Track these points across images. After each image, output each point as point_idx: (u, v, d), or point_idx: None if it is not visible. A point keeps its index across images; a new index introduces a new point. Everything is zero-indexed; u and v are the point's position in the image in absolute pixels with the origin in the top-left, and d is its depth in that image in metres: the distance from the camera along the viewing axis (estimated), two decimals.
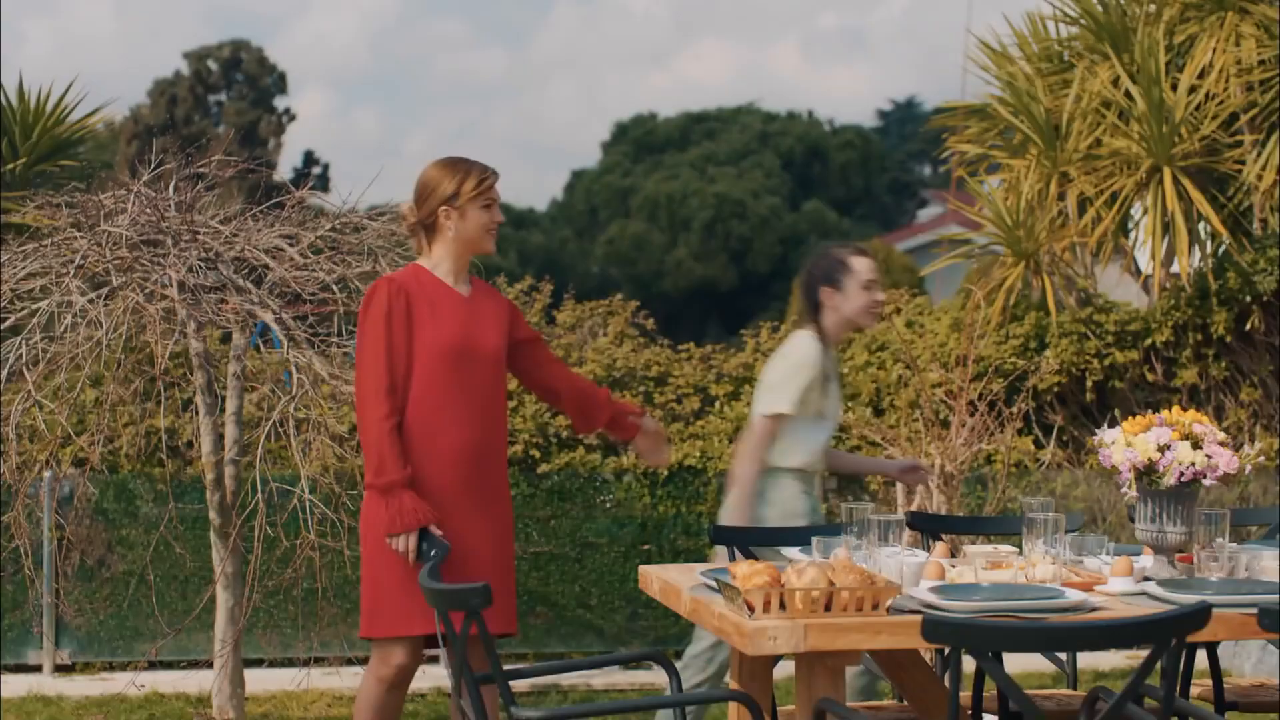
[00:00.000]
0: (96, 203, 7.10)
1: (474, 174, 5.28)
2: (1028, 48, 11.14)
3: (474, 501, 5.24)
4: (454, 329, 5.20)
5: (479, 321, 5.27)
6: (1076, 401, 10.14)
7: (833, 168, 39.55)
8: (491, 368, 5.27)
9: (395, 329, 5.13)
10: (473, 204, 5.27)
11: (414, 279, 5.25)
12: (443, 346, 5.17)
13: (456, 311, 5.24)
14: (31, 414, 6.91)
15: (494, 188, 5.34)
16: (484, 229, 5.31)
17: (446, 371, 5.17)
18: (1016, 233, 10.15)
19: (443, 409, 5.17)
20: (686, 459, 9.45)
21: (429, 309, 5.19)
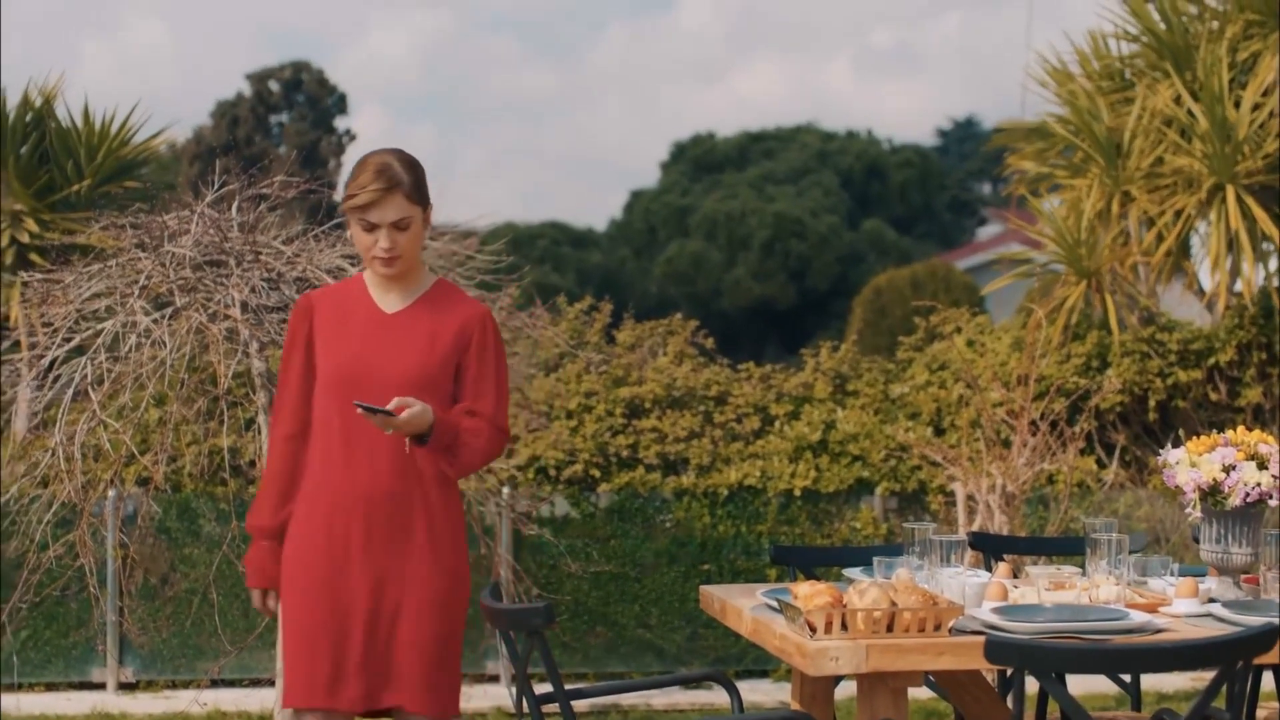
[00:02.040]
0: (160, 223, 7.15)
1: (352, 183, 4.45)
2: (1088, 66, 11.10)
3: (369, 561, 4.39)
4: (347, 352, 4.44)
5: (394, 343, 4.44)
6: (1139, 421, 10.08)
7: (892, 186, 39.45)
8: (394, 395, 4.32)
9: (294, 350, 4.51)
10: (351, 219, 4.46)
11: (337, 292, 4.58)
12: (326, 373, 4.44)
13: (363, 331, 4.46)
14: (96, 433, 6.97)
15: (373, 208, 4.38)
16: (363, 252, 4.46)
17: (328, 402, 4.43)
18: (1078, 251, 10.10)
19: (321, 446, 4.45)
20: (746, 479, 9.44)
21: (336, 327, 4.49)
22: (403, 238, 4.41)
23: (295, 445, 4.49)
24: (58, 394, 7.08)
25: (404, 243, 4.42)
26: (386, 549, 4.40)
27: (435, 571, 4.41)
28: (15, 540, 7.20)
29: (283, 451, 4.50)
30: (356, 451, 4.39)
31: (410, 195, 4.41)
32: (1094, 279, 10.13)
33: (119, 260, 7.13)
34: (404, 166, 4.43)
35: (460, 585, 4.46)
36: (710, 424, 9.86)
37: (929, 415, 10.00)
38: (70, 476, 6.89)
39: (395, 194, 4.38)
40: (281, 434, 4.51)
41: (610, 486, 9.46)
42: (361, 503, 4.40)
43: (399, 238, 4.41)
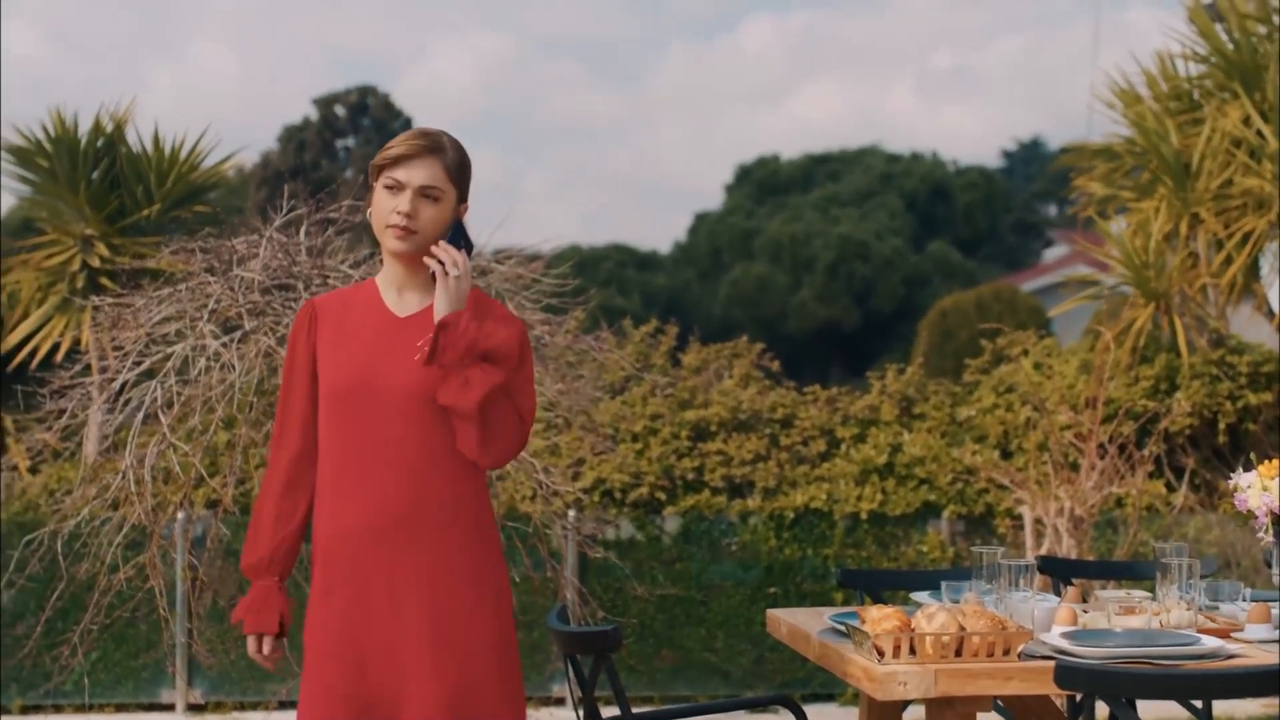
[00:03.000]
0: (229, 248, 7.21)
1: (393, 140, 3.98)
2: (1156, 87, 11.04)
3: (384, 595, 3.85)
4: (352, 361, 3.91)
5: (405, 349, 3.89)
6: (1209, 444, 10.00)
7: (957, 208, 39.34)
8: (402, 414, 3.85)
9: (295, 361, 3.99)
10: (377, 182, 3.94)
11: (345, 296, 4.04)
12: (327, 385, 3.93)
13: (371, 337, 3.93)
14: (166, 456, 7.02)
15: (404, 164, 3.90)
16: (379, 220, 3.91)
17: (333, 419, 3.91)
18: (1146, 273, 10.04)
19: (327, 473, 3.92)
20: (813, 501, 9.42)
21: (341, 334, 3.96)
22: (426, 209, 3.89)
23: (300, 467, 3.97)
24: (128, 417, 7.13)
25: (426, 216, 3.89)
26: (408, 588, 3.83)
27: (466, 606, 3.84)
28: (86, 562, 7.25)
29: (287, 474, 3.97)
30: (367, 476, 3.85)
31: (449, 169, 3.93)
32: (1162, 301, 10.07)
33: (188, 284, 7.18)
34: (452, 144, 3.97)
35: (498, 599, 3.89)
36: (776, 447, 9.85)
37: (996, 438, 9.95)
38: (140, 499, 6.94)
39: (433, 158, 3.91)
40: (286, 456, 3.98)
41: (676, 509, 9.46)
42: (374, 535, 3.85)
43: (422, 207, 3.89)
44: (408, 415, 3.86)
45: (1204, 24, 10.80)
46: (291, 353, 4.02)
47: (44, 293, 10.79)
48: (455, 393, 3.81)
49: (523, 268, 8.04)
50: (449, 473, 3.88)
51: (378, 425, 3.86)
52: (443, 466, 3.87)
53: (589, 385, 9.36)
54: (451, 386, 3.82)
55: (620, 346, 10.07)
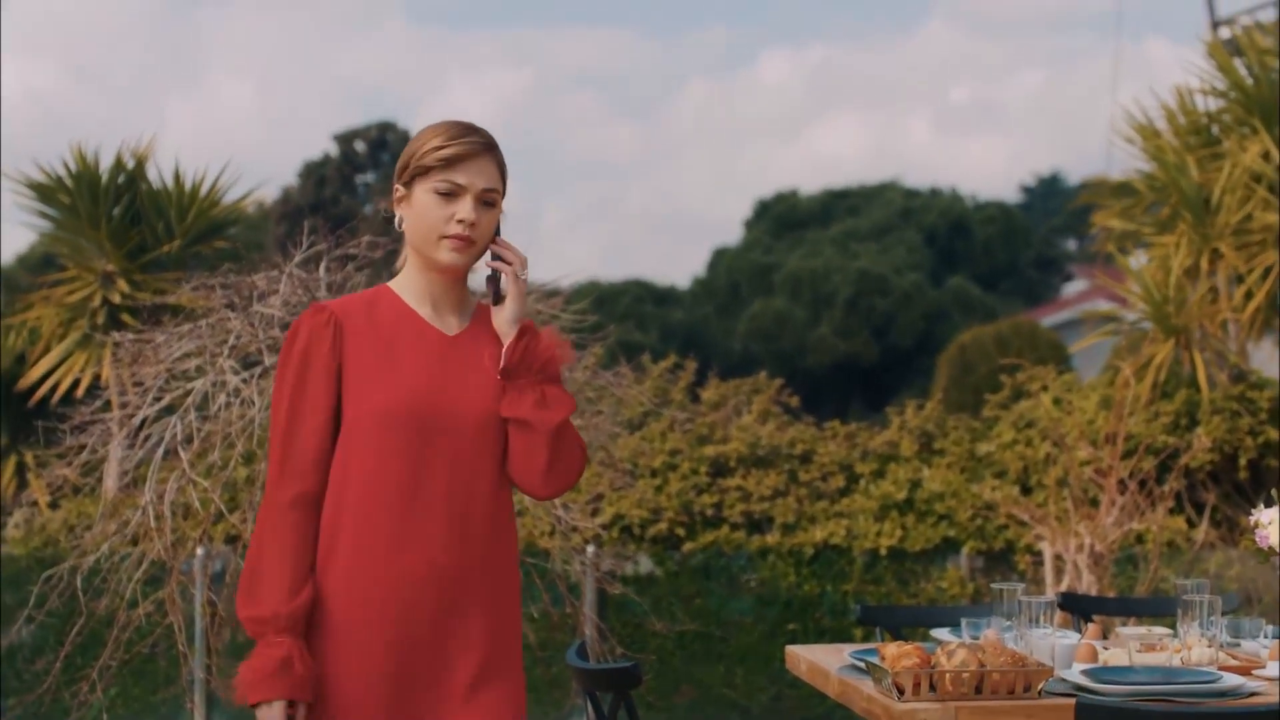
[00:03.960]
0: (249, 284, 7.24)
1: (433, 135, 3.44)
2: (1175, 122, 11.04)
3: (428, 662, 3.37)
4: (409, 385, 3.38)
5: (464, 372, 3.43)
6: (1230, 480, 9.97)
7: (976, 243, 39.33)
8: (469, 443, 3.40)
9: (310, 381, 3.37)
10: (422, 184, 3.42)
11: (365, 307, 3.46)
12: (377, 409, 3.35)
13: (422, 358, 3.42)
14: (185, 492, 7.04)
15: (463, 165, 3.40)
16: (430, 229, 3.41)
17: (377, 446, 3.35)
18: (1166, 309, 10.03)
19: (363, 514, 3.35)
20: (832, 537, 9.40)
21: (381, 351, 3.40)
22: (485, 216, 3.43)
23: (307, 514, 3.35)
24: (148, 453, 7.16)
25: (485, 224, 3.43)
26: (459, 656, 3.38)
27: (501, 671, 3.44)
28: (105, 598, 7.27)
29: (293, 521, 3.34)
30: (417, 511, 3.35)
31: (501, 168, 3.49)
32: (1182, 336, 10.05)
33: (209, 320, 7.21)
34: (494, 140, 3.52)
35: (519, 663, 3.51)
36: (795, 482, 9.84)
37: (1016, 474, 9.93)
38: (160, 534, 6.96)
39: (489, 157, 3.45)
40: (287, 497, 3.35)
41: (695, 545, 9.45)
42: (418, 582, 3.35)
43: (483, 216, 3.42)
44: (475, 445, 3.40)
45: (1223, 59, 10.80)
46: (303, 368, 3.39)
47: (65, 328, 10.83)
48: (533, 409, 3.39)
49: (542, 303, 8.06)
50: (499, 514, 3.45)
51: (431, 457, 3.36)
52: (494, 507, 3.43)
53: (608, 420, 9.36)
54: (527, 401, 3.40)
55: (639, 382, 10.07)
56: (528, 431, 3.41)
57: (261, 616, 3.30)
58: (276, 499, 3.35)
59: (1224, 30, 18.65)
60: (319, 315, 3.42)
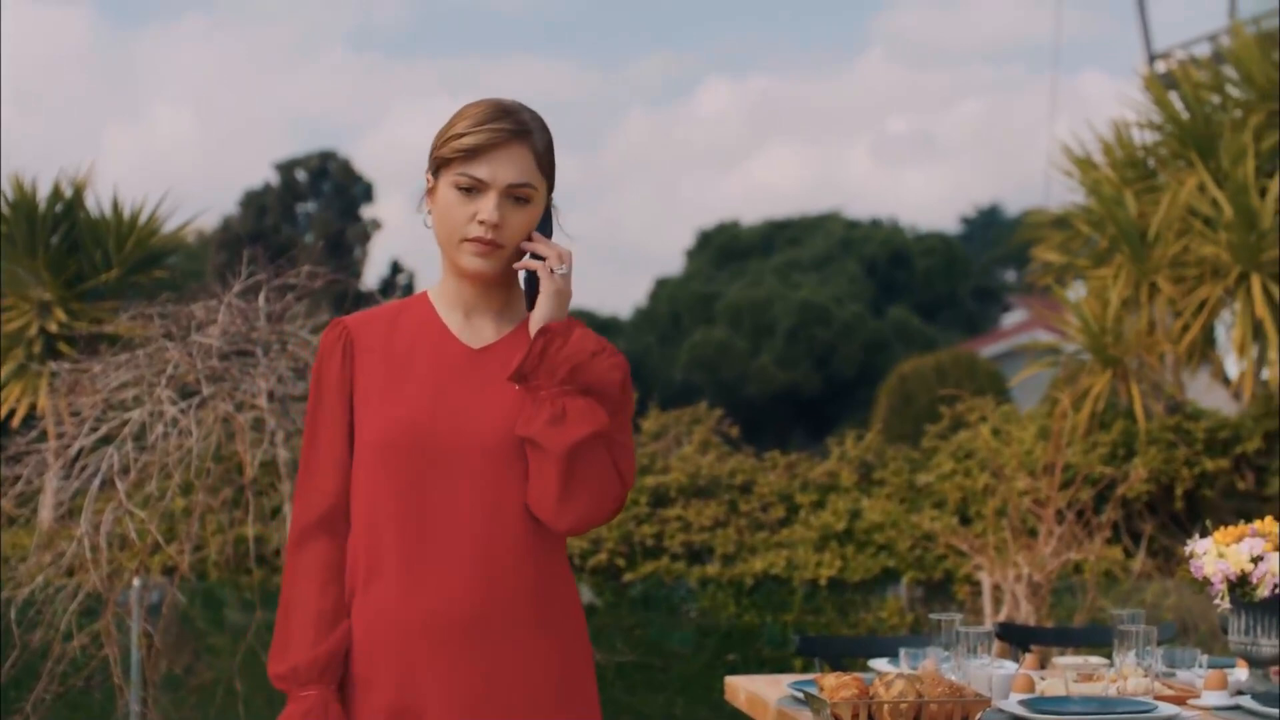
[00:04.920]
0: (187, 313, 7.21)
1: (459, 119, 3.01)
2: (1112, 155, 11.13)
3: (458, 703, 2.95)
4: (410, 405, 2.98)
5: (484, 390, 2.99)
6: (1166, 510, 10.04)
7: (916, 274, 39.54)
8: (480, 474, 2.95)
9: (324, 404, 3.05)
10: (445, 176, 3.01)
11: (389, 318, 3.10)
12: (376, 435, 2.98)
13: (437, 374, 3.02)
14: (122, 523, 6.99)
15: (485, 156, 2.96)
16: (451, 230, 3.00)
17: (380, 478, 2.98)
18: (1103, 340, 10.10)
19: (368, 547, 2.99)
20: (772, 568, 9.41)
21: (393, 369, 3.03)
22: (515, 215, 2.98)
23: (331, 539, 3.02)
24: (84, 483, 7.10)
25: (515, 224, 2.98)
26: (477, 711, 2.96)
27: None
28: (40, 630, 7.20)
29: (315, 550, 3.01)
30: (429, 555, 2.94)
31: (539, 157, 3.02)
32: (1119, 368, 10.12)
33: (146, 350, 7.18)
34: (535, 121, 3.03)
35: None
36: (735, 513, 9.85)
37: (955, 504, 9.97)
38: (96, 566, 6.90)
39: (522, 145, 2.99)
40: (307, 522, 3.02)
41: (635, 575, 9.44)
42: (434, 637, 2.94)
43: (512, 215, 2.98)
44: (497, 472, 2.95)
45: (1159, 93, 10.90)
46: (317, 391, 3.07)
47: (1, 358, 10.74)
48: (544, 427, 2.92)
49: None
50: (536, 552, 3.00)
51: (443, 489, 2.94)
52: (529, 544, 2.98)
53: None
54: (540, 417, 2.93)
55: None
56: (538, 452, 2.92)
57: (282, 673, 2.97)
58: (301, 522, 3.03)
59: (1160, 64, 18.83)
60: (332, 331, 3.08)
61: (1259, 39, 10.74)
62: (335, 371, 3.05)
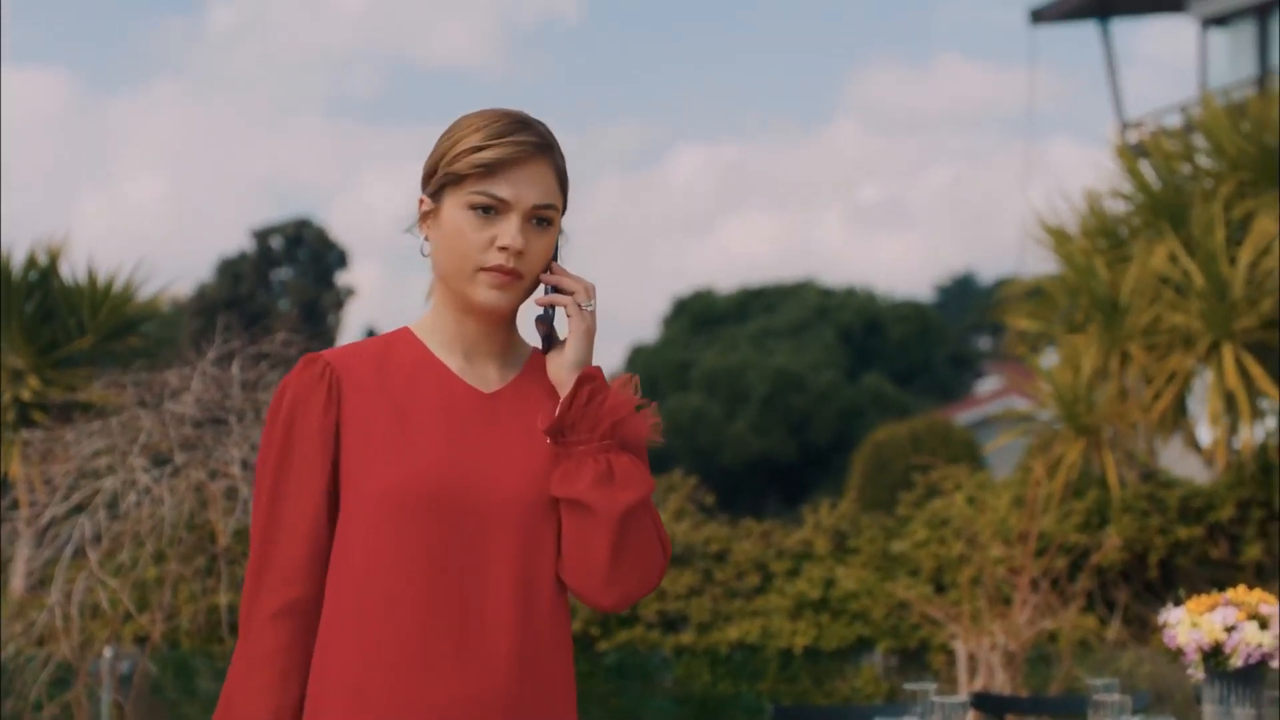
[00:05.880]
0: (161, 381, 7.20)
1: (471, 129, 2.58)
2: (1085, 224, 11.20)
3: None
4: (429, 457, 2.54)
5: (506, 440, 2.59)
6: (1140, 578, 10.05)
7: (891, 341, 39.66)
8: (517, 534, 2.55)
9: (301, 453, 2.56)
10: (453, 195, 2.58)
11: (374, 356, 2.63)
12: (388, 489, 2.51)
13: (450, 421, 2.58)
14: (94, 592, 6.96)
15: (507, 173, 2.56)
16: (463, 258, 2.57)
17: (391, 538, 2.51)
18: (1076, 408, 10.13)
19: (380, 624, 2.50)
20: (747, 636, 9.39)
21: (391, 414, 2.57)
22: (539, 243, 2.58)
23: (298, 627, 2.55)
24: (56, 552, 7.08)
25: (537, 253, 2.59)
26: None
27: None
28: (10, 700, 7.15)
29: (278, 639, 2.54)
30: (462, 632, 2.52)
31: (560, 176, 2.64)
32: (1093, 435, 10.15)
33: (120, 418, 7.16)
34: (552, 135, 2.65)
35: None
36: (710, 581, 9.83)
37: (930, 572, 9.97)
38: (67, 635, 6.87)
39: (545, 161, 2.60)
40: (269, 608, 2.55)
41: (610, 644, 9.41)
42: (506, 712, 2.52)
43: (534, 241, 2.57)
44: (523, 536, 2.55)
45: (1130, 162, 10.98)
46: (288, 438, 2.56)
47: None
48: (592, 488, 2.51)
49: None
50: (567, 627, 2.63)
51: (471, 556, 2.52)
52: (563, 619, 2.61)
53: None
54: (585, 476, 2.52)
55: None
56: (585, 517, 2.52)
57: None
58: (255, 610, 2.55)
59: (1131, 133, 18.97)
60: (310, 368, 2.58)
61: (1229, 109, 10.84)
62: (316, 415, 2.54)
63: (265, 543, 2.55)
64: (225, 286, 37.33)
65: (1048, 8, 21.81)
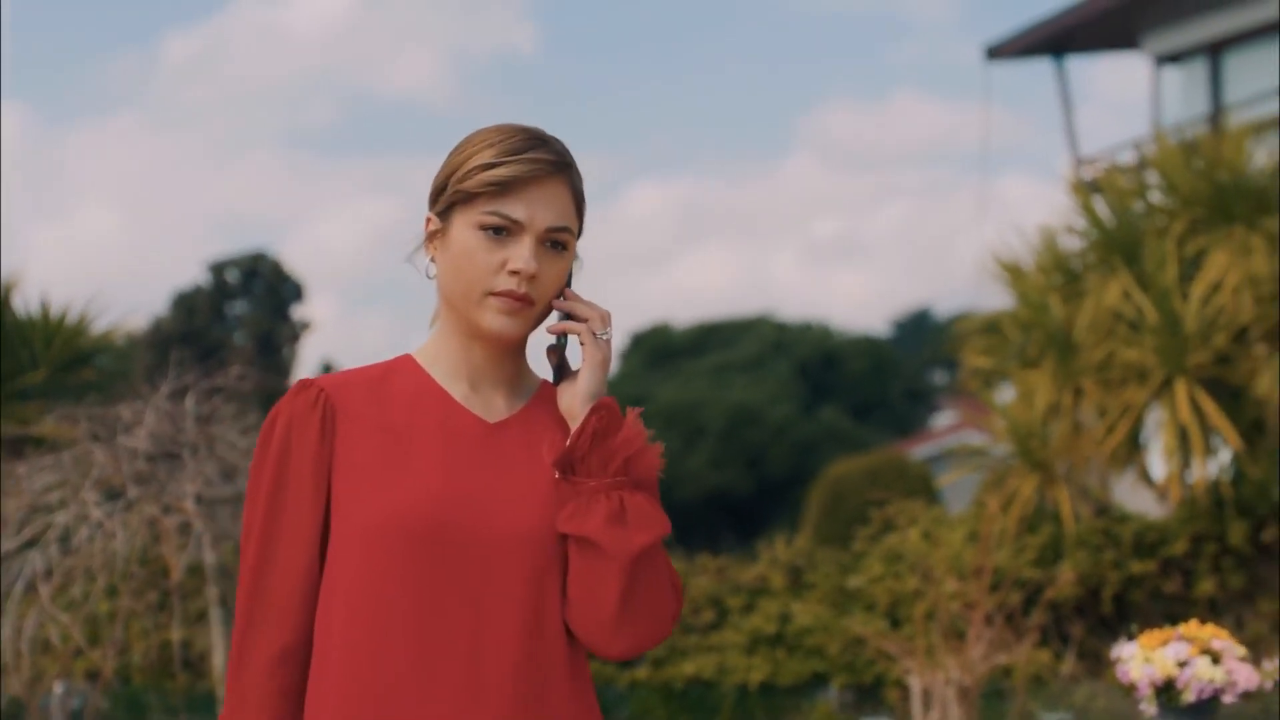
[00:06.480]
0: (114, 415, 7.16)
1: (484, 145, 2.42)
2: (1040, 260, 11.25)
3: None
4: (426, 489, 2.37)
5: (510, 473, 2.42)
6: (1095, 613, 10.08)
7: (847, 376, 39.76)
8: (520, 573, 2.37)
9: (295, 486, 2.39)
10: (463, 215, 2.42)
11: (372, 383, 2.47)
12: (382, 523, 2.35)
13: (452, 453, 2.42)
14: (45, 627, 6.91)
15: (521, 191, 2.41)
16: (472, 281, 2.41)
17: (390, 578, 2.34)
18: (1031, 444, 10.17)
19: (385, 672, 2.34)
20: (702, 671, 9.38)
21: (387, 444, 2.41)
22: (553, 268, 2.44)
23: (294, 669, 2.39)
24: (7, 587, 7.02)
25: (551, 278, 2.44)
26: None
27: None
28: None
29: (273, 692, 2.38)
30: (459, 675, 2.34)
31: (577, 200, 2.50)
32: (1047, 471, 10.18)
33: (72, 451, 7.12)
34: (569, 154, 2.51)
35: None
36: None
37: (885, 607, 9.98)
38: (17, 671, 6.81)
39: (561, 181, 2.46)
40: (264, 656, 2.38)
41: None
42: None
43: (548, 265, 2.44)
44: (528, 575, 2.38)
45: (1084, 199, 11.05)
46: (280, 469, 2.41)
47: None
48: (604, 527, 2.35)
49: None
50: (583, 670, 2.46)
51: (468, 594, 2.35)
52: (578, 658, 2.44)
53: None
54: (596, 514, 2.36)
55: None
56: (596, 558, 2.35)
57: None
58: (248, 658, 2.38)
59: (1085, 170, 19.09)
60: (303, 394, 2.41)
61: (1182, 147, 10.92)
62: (311, 444, 2.38)
63: (258, 578, 2.38)
64: (180, 320, 37.19)
65: (1003, 45, 21.94)
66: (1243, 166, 10.55)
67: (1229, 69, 20.07)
